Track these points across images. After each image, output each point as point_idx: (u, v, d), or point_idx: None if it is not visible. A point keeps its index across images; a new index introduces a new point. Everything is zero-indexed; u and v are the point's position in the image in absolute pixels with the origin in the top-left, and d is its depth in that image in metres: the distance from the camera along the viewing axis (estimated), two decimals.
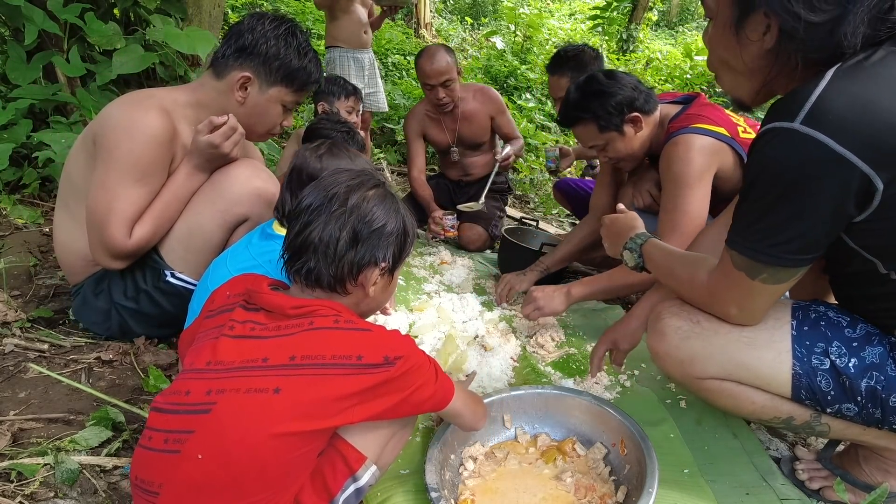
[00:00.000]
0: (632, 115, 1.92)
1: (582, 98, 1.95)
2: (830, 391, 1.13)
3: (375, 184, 1.12)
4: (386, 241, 1.08)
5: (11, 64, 2.68)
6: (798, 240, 1.01)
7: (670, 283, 1.33)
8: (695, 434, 1.52)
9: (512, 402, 1.50)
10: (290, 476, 0.97)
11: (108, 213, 1.58)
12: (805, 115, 0.94)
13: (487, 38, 8.89)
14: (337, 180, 1.10)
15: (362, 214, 1.06)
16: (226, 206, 1.68)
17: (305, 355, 0.96)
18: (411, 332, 2.06)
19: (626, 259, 1.45)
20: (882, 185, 0.93)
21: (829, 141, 0.92)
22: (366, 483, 1.06)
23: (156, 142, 1.59)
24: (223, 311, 1.08)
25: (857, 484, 1.29)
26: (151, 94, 1.67)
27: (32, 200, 2.72)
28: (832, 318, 1.16)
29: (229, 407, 0.93)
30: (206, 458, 0.91)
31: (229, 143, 1.66)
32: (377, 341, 1.00)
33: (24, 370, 1.66)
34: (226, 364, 0.97)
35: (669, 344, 1.25)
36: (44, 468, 1.30)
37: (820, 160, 0.93)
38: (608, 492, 1.30)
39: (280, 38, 1.70)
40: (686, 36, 10.96)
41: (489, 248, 3.14)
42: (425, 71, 2.96)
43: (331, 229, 1.04)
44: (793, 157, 0.95)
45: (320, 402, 0.94)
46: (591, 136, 1.99)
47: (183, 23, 2.98)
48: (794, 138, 0.94)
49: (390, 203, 1.11)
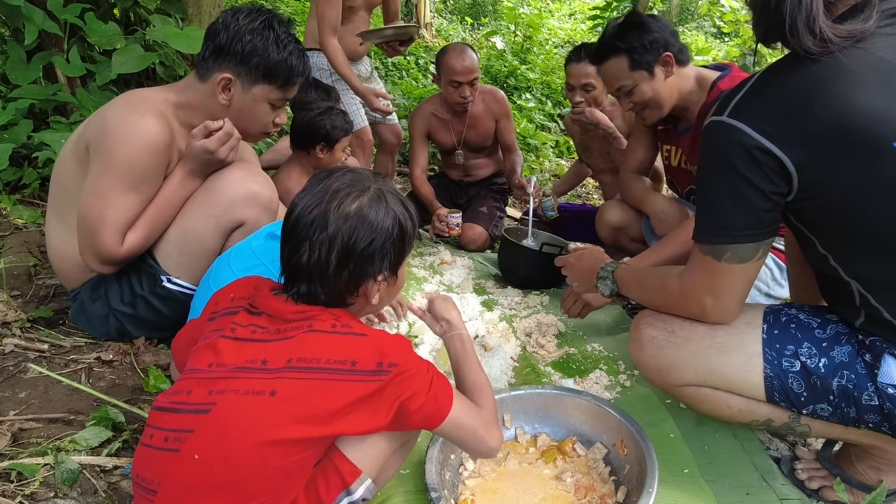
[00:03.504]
0: (665, 56, 1.89)
1: (620, 29, 1.93)
2: (803, 392, 1.15)
3: (359, 192, 1.04)
4: (380, 254, 1.05)
5: (11, 64, 2.68)
6: (743, 216, 1.09)
7: (644, 296, 1.38)
8: (695, 434, 1.52)
9: (512, 402, 1.50)
10: (288, 480, 0.96)
11: (100, 220, 1.55)
12: (731, 109, 1.07)
13: (487, 38, 8.87)
14: (316, 198, 1.03)
15: (346, 237, 1.01)
16: (221, 211, 1.65)
17: (301, 358, 0.95)
18: (411, 332, 2.06)
19: (601, 288, 1.51)
20: (793, 168, 1.02)
21: (744, 126, 1.04)
22: (359, 497, 1.04)
23: (154, 148, 1.56)
24: (227, 313, 1.08)
25: (852, 483, 1.29)
26: (144, 98, 1.62)
27: (32, 200, 2.72)
28: (802, 320, 1.19)
29: (228, 408, 0.93)
30: (204, 458, 0.91)
31: (225, 148, 1.63)
32: (372, 347, 0.98)
33: (24, 370, 1.66)
34: (227, 365, 0.97)
35: (647, 353, 1.29)
36: (44, 468, 1.30)
37: (737, 143, 1.04)
38: (608, 492, 1.30)
39: (256, 32, 1.59)
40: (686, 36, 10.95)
41: (489, 248, 3.14)
42: (456, 68, 2.92)
43: (317, 255, 1.01)
44: (720, 143, 1.08)
45: (315, 407, 0.93)
46: (620, 72, 1.94)
47: (183, 23, 2.98)
48: (721, 127, 1.07)
49: (378, 208, 1.04)
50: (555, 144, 5.59)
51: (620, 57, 1.93)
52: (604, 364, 1.90)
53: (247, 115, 1.69)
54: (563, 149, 5.57)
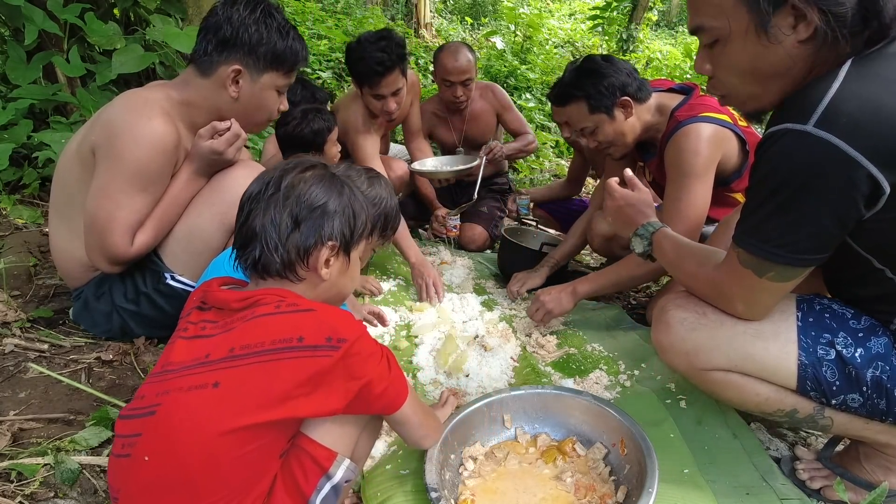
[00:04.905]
0: (623, 100, 1.93)
1: (577, 76, 1.97)
2: (836, 381, 1.14)
3: (312, 165, 1.09)
4: (330, 220, 1.05)
5: (11, 64, 2.68)
6: (808, 240, 1.02)
7: (677, 274, 1.34)
8: (695, 434, 1.52)
9: (512, 402, 1.50)
10: (248, 474, 0.94)
11: (110, 222, 1.56)
12: (818, 117, 0.94)
13: (487, 38, 8.88)
14: (275, 168, 1.08)
15: (299, 195, 1.03)
16: (225, 209, 1.67)
17: (244, 345, 0.94)
18: (411, 332, 2.06)
19: (634, 244, 1.46)
20: (889, 188, 0.94)
21: (841, 144, 0.93)
22: (341, 478, 1.03)
23: (162, 149, 1.58)
24: (186, 314, 1.08)
25: (857, 482, 1.29)
26: (147, 98, 1.62)
27: (32, 200, 2.72)
28: (836, 311, 1.18)
29: (171, 406, 0.92)
30: (153, 459, 0.91)
31: (232, 149, 1.65)
32: (320, 321, 0.96)
33: (24, 370, 1.66)
34: (175, 365, 0.97)
35: (675, 335, 1.26)
36: (44, 468, 1.30)
37: (831, 162, 0.94)
38: (608, 492, 1.30)
39: (259, 21, 1.63)
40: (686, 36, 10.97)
41: (489, 248, 3.14)
42: (447, 68, 2.93)
43: (270, 215, 1.02)
44: (805, 158, 0.96)
45: (262, 391, 0.91)
46: (581, 116, 2.00)
47: (183, 23, 2.98)
48: (806, 140, 0.95)
49: (331, 183, 1.07)
50: (555, 144, 5.59)
51: (580, 102, 1.97)
52: (604, 364, 1.90)
53: (256, 104, 1.72)
54: (563, 149, 5.57)
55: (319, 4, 7.86)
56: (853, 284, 1.19)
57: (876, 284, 1.11)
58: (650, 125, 2.02)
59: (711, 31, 1.08)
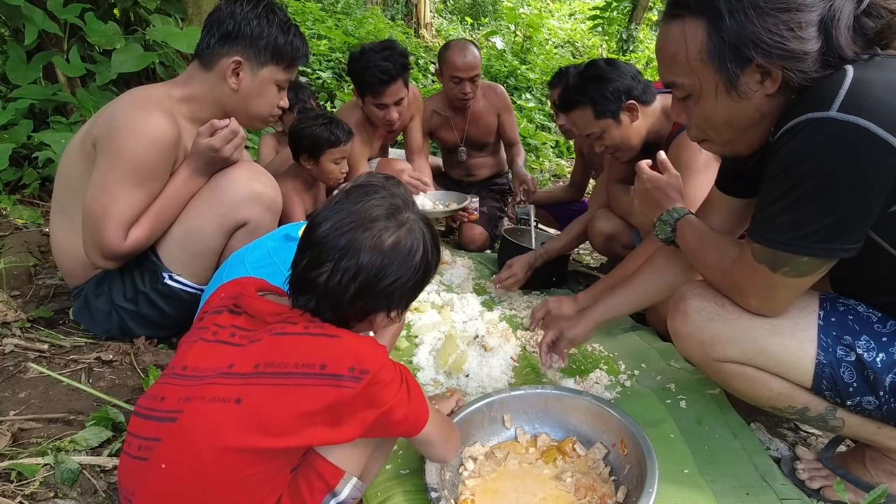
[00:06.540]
0: (628, 104, 1.93)
1: (581, 82, 1.96)
2: (853, 383, 1.13)
3: (397, 226, 1.01)
4: (399, 293, 1.02)
5: (11, 64, 2.68)
6: (829, 229, 0.99)
7: (696, 264, 1.34)
8: (695, 434, 1.52)
9: (512, 402, 1.50)
10: (262, 488, 0.94)
11: (105, 215, 1.57)
12: (842, 101, 0.93)
13: (487, 38, 8.88)
14: (351, 219, 0.99)
15: (373, 272, 0.98)
16: (224, 210, 1.67)
17: (269, 363, 0.93)
18: (411, 332, 2.06)
19: (658, 230, 1.45)
20: None
21: (870, 125, 0.90)
22: (347, 496, 1.02)
23: (161, 145, 1.58)
24: (213, 312, 1.07)
25: (858, 484, 1.29)
26: (150, 95, 1.65)
27: (32, 200, 2.72)
28: (861, 313, 1.16)
29: (194, 416, 0.91)
30: (171, 468, 0.90)
31: (230, 146, 1.64)
32: (345, 349, 0.94)
33: (24, 370, 1.66)
34: (200, 370, 0.96)
35: (692, 325, 1.25)
36: (44, 468, 1.30)
37: (863, 144, 0.91)
38: (608, 492, 1.30)
39: (261, 16, 1.68)
40: None
41: (489, 248, 3.14)
42: (457, 64, 2.93)
43: (338, 279, 0.97)
44: (832, 145, 0.93)
45: (280, 416, 0.90)
46: (587, 122, 1.99)
47: (183, 23, 2.98)
48: (832, 126, 0.93)
49: (410, 247, 1.01)
50: (555, 144, 5.59)
51: (585, 108, 1.97)
52: (604, 364, 1.90)
53: (255, 97, 1.74)
54: (563, 149, 5.57)
55: (319, 4, 7.86)
56: (863, 273, 1.15)
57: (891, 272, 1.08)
58: (655, 127, 2.02)
59: (683, 87, 1.13)
